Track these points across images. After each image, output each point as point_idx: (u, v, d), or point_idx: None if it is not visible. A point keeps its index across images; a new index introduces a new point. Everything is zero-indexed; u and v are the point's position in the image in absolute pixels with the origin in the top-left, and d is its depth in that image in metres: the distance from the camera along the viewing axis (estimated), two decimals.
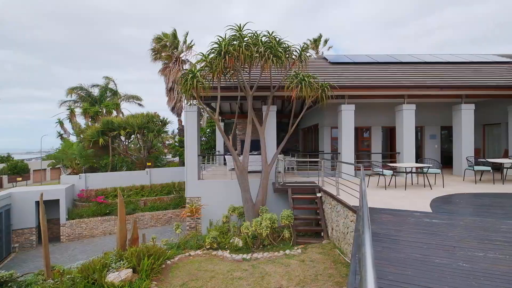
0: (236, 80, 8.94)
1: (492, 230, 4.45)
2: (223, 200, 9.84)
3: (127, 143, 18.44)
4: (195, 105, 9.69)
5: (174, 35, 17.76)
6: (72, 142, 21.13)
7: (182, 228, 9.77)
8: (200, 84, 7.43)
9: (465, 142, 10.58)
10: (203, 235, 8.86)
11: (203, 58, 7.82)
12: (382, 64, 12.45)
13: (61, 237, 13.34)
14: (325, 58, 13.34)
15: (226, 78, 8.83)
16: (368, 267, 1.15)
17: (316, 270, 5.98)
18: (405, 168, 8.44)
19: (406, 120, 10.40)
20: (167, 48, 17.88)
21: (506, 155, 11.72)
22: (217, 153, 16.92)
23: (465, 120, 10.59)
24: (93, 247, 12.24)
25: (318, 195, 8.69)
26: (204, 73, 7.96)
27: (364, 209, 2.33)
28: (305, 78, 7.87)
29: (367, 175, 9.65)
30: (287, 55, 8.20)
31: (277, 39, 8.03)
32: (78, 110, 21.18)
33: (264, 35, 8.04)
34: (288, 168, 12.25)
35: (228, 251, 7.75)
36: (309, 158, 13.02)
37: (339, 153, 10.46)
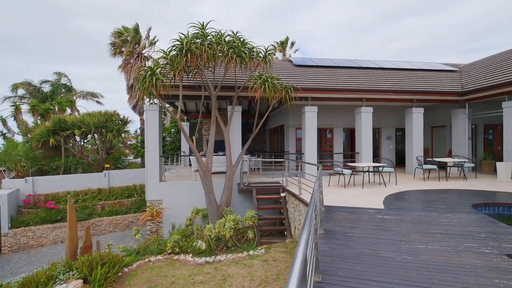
0: (200, 79, 8.74)
1: (434, 223, 4.85)
2: (187, 202, 9.56)
3: (82, 143, 17.09)
4: (156, 103, 9.28)
5: (136, 29, 16.85)
6: (17, 142, 19.05)
7: (143, 233, 9.30)
8: (160, 82, 7.12)
9: (415, 142, 11.48)
10: (165, 239, 8.52)
11: (164, 55, 7.52)
12: (344, 69, 13.04)
13: (2, 248, 11.95)
14: (290, 61, 13.62)
15: (189, 77, 8.59)
16: (295, 270, 1.14)
17: (278, 269, 6.04)
18: (362, 167, 8.91)
19: (365, 122, 11.01)
20: (128, 43, 16.92)
21: (450, 155, 12.97)
22: (182, 154, 16.43)
23: (416, 122, 11.50)
24: (41, 258, 11.14)
25: (282, 195, 8.82)
26: (165, 71, 7.66)
27: (310, 210, 2.36)
28: (269, 79, 7.94)
29: (329, 174, 10.03)
30: (252, 56, 8.22)
31: (242, 40, 8.00)
32: (25, 107, 19.17)
33: (228, 35, 7.96)
34: (254, 168, 12.29)
35: (191, 254, 7.53)
36: (274, 158, 13.19)
37: (303, 153, 10.73)
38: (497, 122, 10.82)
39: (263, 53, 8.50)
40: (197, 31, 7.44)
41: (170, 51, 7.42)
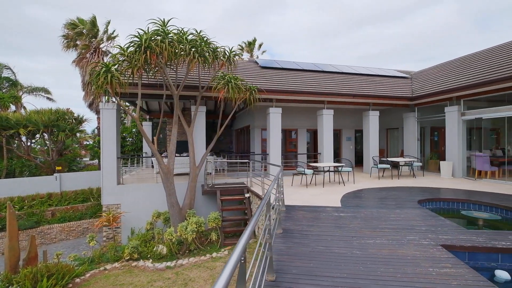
0: (161, 77, 8.43)
1: (384, 219, 5.21)
2: (148, 205, 9.15)
3: (29, 144, 15.48)
4: (114, 102, 8.76)
5: (93, 22, 15.69)
6: None
7: (98, 240, 8.71)
8: (116, 79, 6.73)
9: (371, 143, 12.25)
10: (123, 246, 8.07)
11: (122, 51, 7.12)
12: (307, 72, 13.49)
13: None
14: (256, 62, 13.74)
15: (149, 75, 8.24)
16: (226, 270, 1.14)
17: None
18: (323, 167, 9.28)
19: (326, 123, 11.49)
20: (83, 36, 15.68)
21: (402, 155, 14.07)
22: (144, 155, 15.70)
23: (372, 124, 12.28)
24: None
25: (247, 195, 8.85)
26: (122, 68, 7.25)
27: (257, 212, 2.40)
28: (232, 80, 7.92)
29: (293, 174, 10.30)
30: (216, 56, 8.12)
31: (205, 39, 7.88)
32: None
33: (191, 34, 7.79)
34: (219, 169, 12.18)
35: (151, 260, 7.23)
36: (239, 159, 13.19)
37: (268, 154, 10.88)
38: (441, 125, 11.97)
39: (227, 54, 8.46)
40: (158, 28, 7.17)
41: (128, 48, 7.05)
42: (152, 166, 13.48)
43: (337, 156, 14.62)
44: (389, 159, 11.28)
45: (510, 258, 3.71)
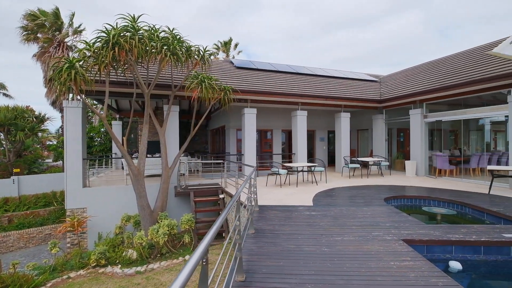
0: (131, 75, 8.11)
1: (352, 217, 5.43)
2: (117, 209, 8.75)
3: None
4: (79, 99, 8.27)
5: (56, 14, 14.65)
6: None
7: (62, 247, 8.18)
8: (81, 76, 6.36)
9: (343, 144, 12.71)
10: (89, 252, 7.65)
11: (87, 47, 6.75)
12: (282, 73, 13.69)
13: None
14: (231, 62, 13.69)
15: (118, 72, 7.90)
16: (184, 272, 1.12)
17: (214, 271, 5.97)
18: (297, 167, 9.47)
19: (300, 124, 11.73)
20: (45, 29, 14.60)
21: (371, 155, 14.74)
22: (113, 155, 14.99)
23: (343, 126, 12.75)
24: None
25: (221, 196, 8.78)
26: (88, 64, 6.87)
27: (224, 212, 2.40)
28: (206, 80, 7.82)
29: (268, 175, 10.39)
30: (189, 55, 7.97)
31: (178, 37, 7.71)
32: None
33: (164, 31, 7.58)
34: (193, 170, 11.97)
35: (120, 266, 6.93)
36: (214, 159, 13.06)
37: (243, 154, 10.89)
38: (407, 127, 12.72)
39: (202, 53, 8.34)
40: (127, 24, 6.89)
41: (94, 43, 6.70)
42: (122, 168, 12.93)
43: (311, 156, 14.99)
44: (359, 159, 11.78)
45: (462, 249, 4.03)
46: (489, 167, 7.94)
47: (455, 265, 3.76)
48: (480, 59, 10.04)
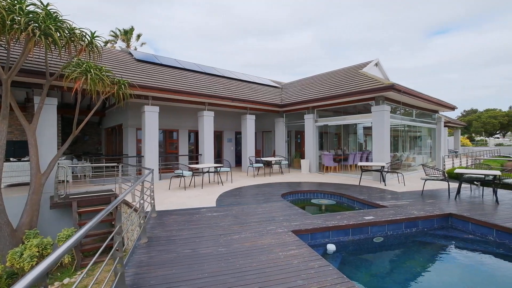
0: None
1: (252, 214, 5.66)
2: None
3: None
4: None
5: None
6: None
7: None
8: None
9: (249, 145, 13.30)
10: None
11: None
12: (189, 72, 13.26)
13: None
14: (130, 54, 12.34)
15: None
16: None
17: None
18: (202, 168, 9.30)
19: (206, 124, 11.61)
20: None
21: (274, 154, 15.98)
22: None
23: (249, 127, 13.36)
24: None
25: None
26: None
27: (91, 222, 2.04)
28: (92, 70, 6.71)
29: (171, 177, 9.78)
30: (71, 39, 6.67)
31: (54, 15, 6.34)
32: None
33: (34, 4, 6.09)
34: (80, 175, 10.13)
35: None
36: (107, 162, 11.45)
37: (143, 156, 9.93)
38: (302, 129, 14.37)
39: (89, 38, 7.13)
40: None
41: None
42: None
43: (219, 157, 15.08)
44: (262, 158, 12.56)
45: (337, 233, 4.77)
46: (359, 164, 9.81)
47: (331, 247, 4.40)
48: (356, 75, 12.33)
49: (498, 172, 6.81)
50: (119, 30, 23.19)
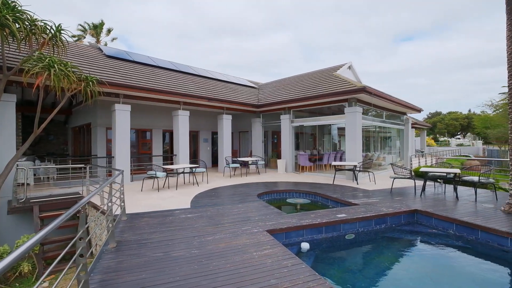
0: None
1: (227, 214, 5.60)
2: None
3: None
4: None
5: None
6: None
7: None
8: None
9: (225, 145, 13.19)
10: None
11: None
12: (164, 70, 12.87)
13: None
14: (100, 49, 11.73)
15: None
16: None
17: None
18: (177, 169, 9.06)
19: (182, 124, 11.33)
20: None
21: (250, 155, 15.99)
22: None
23: (225, 127, 13.25)
24: None
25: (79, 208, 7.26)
26: None
27: (47, 228, 1.89)
28: (56, 65, 6.27)
29: (143, 178, 9.43)
30: (32, 31, 6.21)
31: (13, 4, 5.87)
32: None
33: None
34: (43, 178, 9.44)
35: None
36: (73, 163, 10.80)
37: (113, 156, 9.47)
38: (279, 130, 14.53)
39: (53, 31, 6.67)
40: None
41: None
42: None
43: (195, 157, 14.80)
44: (239, 158, 12.51)
45: (311, 231, 4.85)
46: (333, 163, 10.10)
47: (305, 245, 4.46)
48: (330, 77, 12.68)
49: (458, 171, 7.33)
50: (88, 24, 21.91)
